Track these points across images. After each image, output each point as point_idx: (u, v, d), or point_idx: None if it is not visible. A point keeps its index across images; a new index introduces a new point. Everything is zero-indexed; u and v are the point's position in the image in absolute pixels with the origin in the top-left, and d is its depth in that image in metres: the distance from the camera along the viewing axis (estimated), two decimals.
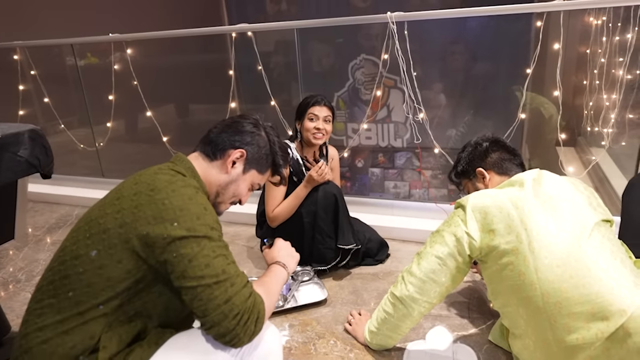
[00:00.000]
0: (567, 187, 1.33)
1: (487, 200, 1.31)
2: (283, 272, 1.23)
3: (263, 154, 1.23)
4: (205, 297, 0.93)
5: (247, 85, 3.42)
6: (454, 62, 3.22)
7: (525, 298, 1.23)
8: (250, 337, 0.97)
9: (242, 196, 1.23)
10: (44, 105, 3.58)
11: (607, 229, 1.28)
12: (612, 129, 2.50)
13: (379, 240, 2.28)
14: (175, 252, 0.93)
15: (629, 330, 1.09)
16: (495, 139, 1.56)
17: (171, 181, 1.01)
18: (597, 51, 2.93)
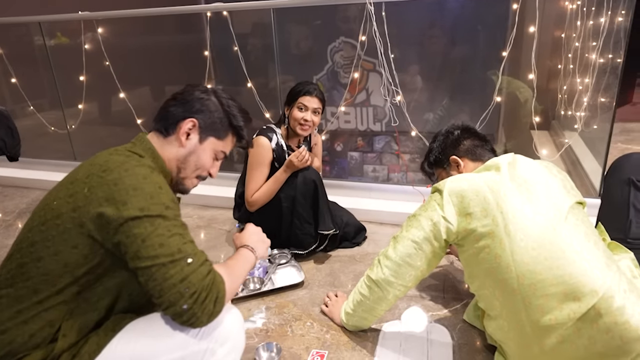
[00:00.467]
0: (541, 171, 1.35)
1: (464, 184, 1.32)
2: (250, 255, 1.21)
3: (217, 119, 1.17)
4: (160, 277, 0.90)
5: (223, 66, 3.36)
6: (431, 45, 3.21)
7: (501, 280, 1.25)
8: (209, 317, 0.94)
9: (207, 167, 1.18)
10: (11, 86, 3.45)
11: (581, 212, 1.31)
12: (585, 113, 2.54)
13: (356, 224, 2.30)
14: (128, 233, 0.91)
15: (600, 310, 1.12)
16: (466, 127, 1.58)
17: (124, 161, 0.99)
18: (572, 35, 2.97)
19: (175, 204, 1.00)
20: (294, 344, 1.60)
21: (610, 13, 2.23)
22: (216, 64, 3.25)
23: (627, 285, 1.15)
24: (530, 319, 1.20)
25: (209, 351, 0.99)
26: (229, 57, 2.84)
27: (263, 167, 2.05)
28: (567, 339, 1.17)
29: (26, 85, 3.48)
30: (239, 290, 1.87)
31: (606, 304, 1.12)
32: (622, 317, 1.11)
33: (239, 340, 1.06)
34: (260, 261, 2.02)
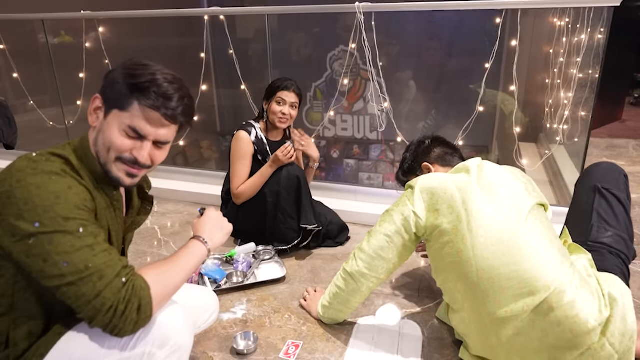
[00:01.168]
0: (505, 175, 1.43)
1: (435, 182, 1.41)
2: (200, 249, 1.12)
3: (117, 87, 0.98)
4: (73, 295, 0.85)
5: (222, 69, 3.45)
6: (422, 55, 3.31)
7: (463, 274, 1.33)
8: (134, 326, 0.90)
9: (117, 145, 0.98)
10: (13, 81, 3.53)
11: (541, 213, 1.39)
12: (566, 125, 2.63)
13: (340, 223, 2.37)
14: (27, 253, 0.84)
15: (552, 304, 1.19)
16: (436, 137, 1.71)
17: (20, 169, 0.88)
18: (560, 51, 3.06)
19: (82, 210, 0.89)
20: (271, 334, 1.66)
21: (589, 30, 2.32)
22: (216, 67, 3.34)
23: (579, 282, 1.22)
24: (488, 311, 1.27)
25: (146, 355, 0.95)
26: (228, 60, 2.93)
27: (245, 160, 2.14)
28: (522, 331, 1.24)
29: (27, 81, 3.56)
30: (224, 283, 1.93)
31: (557, 298, 1.19)
32: (573, 311, 1.18)
33: (181, 339, 1.00)
34: (245, 256, 2.09)
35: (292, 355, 1.55)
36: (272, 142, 2.24)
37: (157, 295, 0.94)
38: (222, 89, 3.98)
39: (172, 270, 1.02)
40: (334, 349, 1.58)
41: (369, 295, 1.70)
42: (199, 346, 1.59)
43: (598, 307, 1.19)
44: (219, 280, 1.94)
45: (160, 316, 0.98)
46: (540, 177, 2.88)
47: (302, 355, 1.55)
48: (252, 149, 2.17)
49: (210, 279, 1.93)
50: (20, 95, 3.56)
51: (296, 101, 2.18)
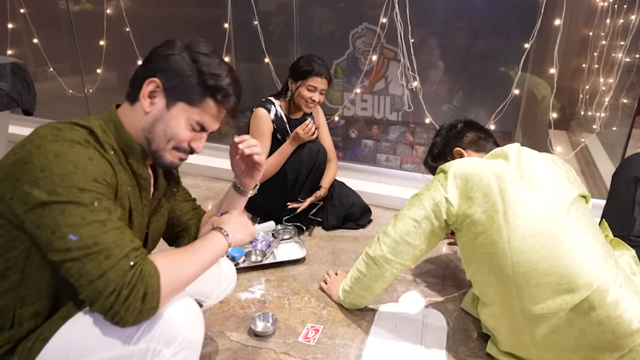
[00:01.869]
0: (546, 163, 1.34)
1: (470, 168, 1.32)
2: (220, 241, 1.03)
3: (186, 79, 0.95)
4: (77, 273, 0.80)
5: (243, 41, 3.35)
6: (454, 34, 3.16)
7: (496, 266, 1.25)
8: (137, 316, 0.82)
9: (181, 138, 0.98)
10: (33, 47, 3.49)
11: (583, 205, 1.30)
12: (605, 114, 2.49)
13: (362, 205, 2.30)
14: (38, 223, 0.80)
15: (593, 303, 1.12)
16: (469, 121, 1.59)
17: (40, 136, 0.84)
18: (600, 34, 2.90)
19: (99, 183, 0.85)
20: (290, 316, 1.61)
21: None
22: (237, 38, 3.25)
23: (623, 280, 1.14)
24: (523, 306, 1.20)
25: (151, 351, 0.89)
26: (249, 33, 2.83)
27: (264, 138, 2.07)
28: (558, 329, 1.17)
29: (47, 47, 3.51)
30: (241, 263, 1.89)
31: (600, 297, 1.11)
32: (616, 311, 1.10)
33: (190, 336, 0.93)
34: (264, 235, 2.04)
35: (312, 340, 1.50)
36: (292, 119, 2.16)
37: (167, 285, 0.86)
38: (241, 63, 3.90)
39: (187, 260, 0.94)
40: (354, 336, 1.52)
41: (392, 282, 1.63)
42: (216, 325, 1.55)
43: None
44: (237, 258, 1.90)
45: (168, 310, 0.90)
46: (573, 167, 2.76)
47: (321, 340, 1.50)
48: (271, 126, 2.09)
49: (228, 256, 1.89)
50: (40, 62, 3.52)
51: (326, 87, 2.09)
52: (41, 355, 0.87)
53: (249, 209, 2.32)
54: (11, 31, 3.48)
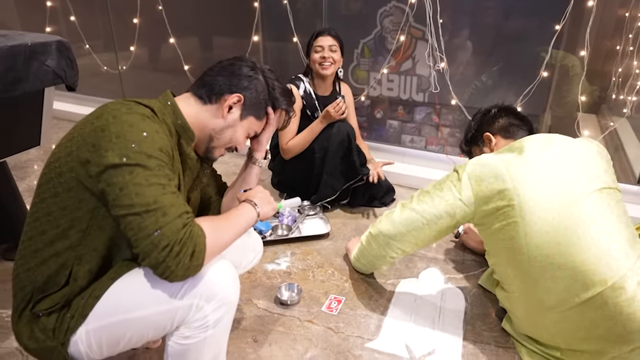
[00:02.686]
0: (574, 152, 1.30)
1: (484, 168, 1.30)
2: (251, 211, 1.14)
3: (262, 99, 1.17)
4: (136, 227, 0.89)
5: (271, 20, 3.38)
6: (484, 15, 3.11)
7: (514, 260, 1.27)
8: (185, 271, 0.91)
9: (239, 143, 1.17)
10: (70, 24, 3.61)
11: (611, 196, 1.25)
12: (636, 97, 2.45)
13: (386, 184, 2.35)
14: (109, 181, 0.90)
15: (606, 299, 1.12)
16: (506, 106, 1.58)
17: (115, 109, 0.96)
18: (637, 15, 2.81)
19: (163, 153, 0.96)
20: (314, 287, 1.69)
21: None
22: (264, 18, 3.28)
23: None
24: (537, 297, 1.24)
25: (194, 307, 0.98)
26: (277, 11, 2.86)
27: None
28: (570, 319, 1.20)
29: (83, 25, 3.62)
30: (267, 236, 1.97)
31: (614, 294, 1.12)
32: (630, 308, 1.11)
33: (228, 295, 1.02)
34: (290, 210, 2.11)
35: (335, 310, 1.58)
36: (321, 96, 2.21)
37: (211, 245, 0.95)
38: (268, 42, 3.93)
39: (226, 226, 1.04)
40: (375, 307, 1.60)
41: (412, 258, 1.69)
42: (244, 294, 1.65)
43: None
44: (264, 232, 1.98)
45: (209, 270, 1.00)
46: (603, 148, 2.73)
47: (344, 310, 1.58)
48: (300, 103, 2.15)
49: (255, 230, 1.98)
50: (76, 39, 3.64)
51: (334, 43, 2.11)
52: (94, 310, 0.97)
53: (276, 185, 2.40)
54: (49, 9, 3.59)
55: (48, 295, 1.00)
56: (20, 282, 1.01)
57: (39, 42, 1.53)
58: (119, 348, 1.01)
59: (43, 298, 1.00)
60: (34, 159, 2.84)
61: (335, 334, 1.48)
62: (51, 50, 1.58)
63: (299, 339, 1.45)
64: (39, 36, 1.59)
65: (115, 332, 0.98)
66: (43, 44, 1.55)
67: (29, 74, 1.51)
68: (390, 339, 1.46)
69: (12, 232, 1.80)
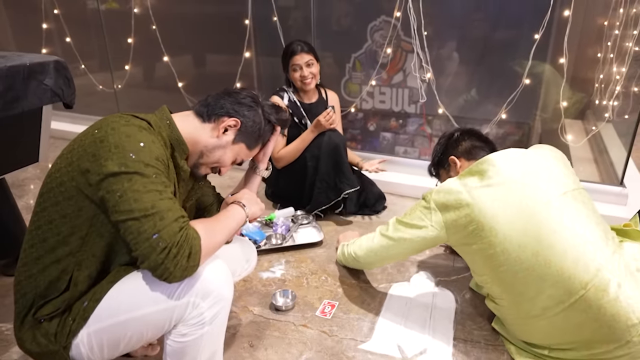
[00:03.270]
0: (532, 162, 1.33)
1: (448, 196, 1.35)
2: (239, 212, 1.19)
3: (256, 130, 1.24)
4: (135, 231, 0.94)
5: (263, 36, 3.47)
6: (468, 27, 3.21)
7: (497, 277, 1.33)
8: (182, 272, 0.96)
9: (225, 164, 1.22)
10: (65, 45, 3.68)
11: (580, 196, 1.29)
12: (617, 102, 2.53)
13: (377, 192, 2.40)
14: (109, 188, 0.96)
15: (589, 302, 1.16)
16: (468, 129, 1.62)
17: (114, 121, 1.02)
18: (615, 23, 2.91)
19: (159, 162, 1.01)
20: (308, 293, 1.74)
21: None
22: (256, 34, 3.36)
23: (624, 278, 1.17)
24: (524, 307, 1.29)
25: (191, 304, 1.03)
26: (268, 28, 2.94)
27: None
28: (556, 324, 1.24)
29: (79, 46, 3.70)
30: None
31: (596, 297, 1.15)
32: (613, 309, 1.14)
33: (223, 292, 1.07)
34: (283, 220, 2.16)
35: (328, 314, 1.62)
36: (307, 104, 2.28)
37: (205, 247, 1.01)
38: (260, 57, 4.02)
39: (218, 227, 1.09)
40: (368, 311, 1.64)
41: (404, 263, 1.74)
42: (240, 301, 1.69)
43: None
44: (259, 241, 2.02)
45: (205, 269, 1.05)
46: (585, 155, 2.80)
47: (337, 315, 1.62)
48: None
49: (250, 239, 2.02)
50: (72, 60, 3.71)
51: (310, 58, 2.17)
52: (95, 313, 1.02)
53: (270, 197, 2.45)
54: (45, 31, 3.67)
55: (49, 301, 1.04)
56: (22, 289, 1.05)
57: (37, 62, 1.59)
58: (119, 349, 1.06)
59: (45, 304, 1.04)
60: (31, 177, 2.88)
61: (329, 337, 1.52)
62: (49, 69, 1.64)
63: (293, 342, 1.49)
64: (37, 56, 1.65)
65: (115, 333, 1.03)
66: (41, 64, 1.61)
67: (27, 92, 1.57)
68: (383, 340, 1.50)
69: (12, 248, 1.84)
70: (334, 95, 2.42)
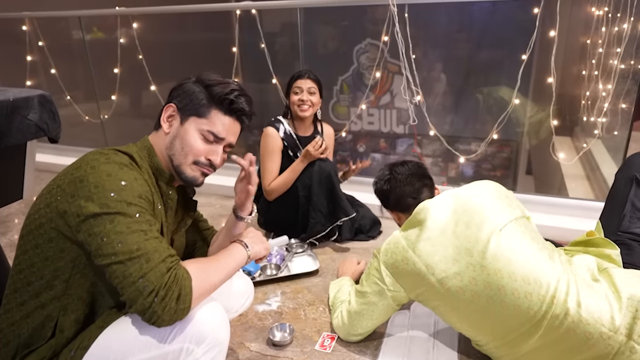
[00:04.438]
0: (470, 203, 1.32)
1: (395, 256, 1.35)
2: (241, 252, 1.14)
3: (195, 97, 1.10)
4: (121, 275, 0.89)
5: (250, 63, 3.47)
6: (455, 47, 3.25)
7: (466, 325, 1.34)
8: (172, 315, 0.91)
9: (196, 150, 1.09)
10: (50, 76, 3.65)
11: (518, 226, 1.29)
12: (605, 119, 2.55)
13: (372, 218, 2.37)
14: (90, 231, 0.91)
15: (556, 328, 1.15)
16: (390, 177, 1.53)
17: (94, 159, 0.97)
18: (597, 42, 2.97)
19: (143, 199, 0.97)
20: (306, 326, 1.68)
21: (632, 19, 2.24)
22: (244, 61, 3.37)
23: (582, 292, 1.16)
24: (503, 343, 1.28)
25: (184, 351, 0.97)
26: (256, 55, 2.94)
27: (274, 156, 2.16)
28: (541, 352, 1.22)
29: (64, 76, 3.66)
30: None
31: (561, 323, 1.15)
32: (582, 328, 1.13)
33: (219, 336, 1.01)
34: (278, 249, 2.11)
35: (328, 347, 1.56)
36: (302, 137, 2.25)
37: (197, 288, 0.96)
38: (248, 83, 4.03)
39: (213, 268, 1.03)
40: (369, 343, 1.58)
41: None
42: (235, 337, 1.62)
43: (610, 314, 1.12)
44: (253, 273, 1.97)
45: (198, 312, 0.99)
46: (577, 172, 2.81)
47: (337, 348, 1.56)
48: (280, 144, 2.17)
49: (244, 271, 1.96)
50: (57, 91, 3.67)
51: (313, 86, 2.15)
52: None
53: (263, 225, 2.40)
54: (30, 63, 3.64)
55: (34, 350, 0.98)
56: (4, 337, 0.99)
57: (21, 97, 1.55)
58: None
59: (29, 353, 0.98)
60: (15, 212, 2.80)
61: None
62: (33, 104, 1.59)
63: None
64: (21, 91, 1.61)
65: None
66: (25, 99, 1.57)
67: (11, 128, 1.52)
68: None
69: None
70: (329, 130, 2.40)
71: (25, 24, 3.51)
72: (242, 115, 1.15)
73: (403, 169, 1.52)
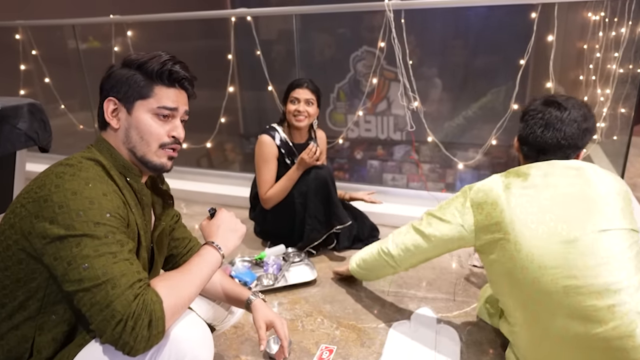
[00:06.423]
0: (590, 188, 1.20)
1: (486, 196, 1.31)
2: (213, 255, 1.06)
3: (132, 80, 1.02)
4: (88, 303, 0.84)
5: (246, 70, 3.45)
6: (452, 54, 3.24)
7: (513, 292, 1.27)
8: (145, 344, 0.85)
9: (157, 132, 1.03)
10: (44, 85, 3.61)
11: (617, 237, 1.16)
12: (604, 123, 2.53)
13: (370, 225, 2.33)
14: (55, 255, 0.86)
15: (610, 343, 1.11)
16: (553, 125, 1.30)
17: (59, 175, 0.91)
18: (594, 46, 2.96)
19: (113, 217, 0.91)
20: (304, 338, 1.63)
21: (630, 23, 2.23)
22: (240, 69, 3.35)
23: None
24: (536, 332, 1.22)
25: None
26: (252, 62, 2.92)
27: (270, 164, 2.12)
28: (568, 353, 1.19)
29: (58, 85, 3.63)
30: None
31: (620, 341, 1.10)
32: (637, 354, 1.10)
33: (199, 354, 0.96)
34: (275, 258, 2.07)
35: None
36: (297, 144, 2.22)
37: (170, 308, 0.90)
38: (245, 91, 4.00)
39: (185, 280, 0.97)
40: (368, 354, 1.54)
41: (403, 300, 1.66)
42: (230, 350, 1.58)
43: None
44: (249, 283, 1.92)
45: (175, 330, 0.93)
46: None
47: None
48: (276, 152, 2.14)
49: (240, 282, 1.92)
50: (51, 100, 3.64)
51: (311, 97, 2.12)
52: None
53: (260, 234, 2.36)
54: (23, 72, 3.61)
55: None
56: None
57: (10, 105, 1.52)
58: None
59: None
60: None
61: None
62: (23, 113, 1.57)
63: None
64: (10, 100, 1.58)
65: None
66: (14, 107, 1.54)
67: None
68: None
69: None
70: (321, 133, 2.38)
71: (19, 32, 3.48)
72: (185, 82, 1.07)
73: (570, 129, 1.27)
